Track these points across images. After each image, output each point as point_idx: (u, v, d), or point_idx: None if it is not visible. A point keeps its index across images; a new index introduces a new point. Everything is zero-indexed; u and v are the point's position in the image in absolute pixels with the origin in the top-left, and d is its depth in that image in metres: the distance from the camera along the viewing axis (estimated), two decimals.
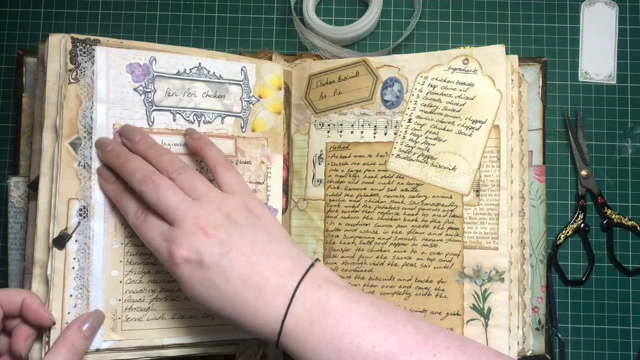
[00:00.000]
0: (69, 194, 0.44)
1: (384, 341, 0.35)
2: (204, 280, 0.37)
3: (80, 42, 0.45)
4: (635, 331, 0.56)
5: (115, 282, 0.45)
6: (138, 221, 0.41)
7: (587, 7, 0.60)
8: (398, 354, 0.35)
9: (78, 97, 0.45)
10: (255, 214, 0.41)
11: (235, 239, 0.38)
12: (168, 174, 0.41)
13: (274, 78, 0.52)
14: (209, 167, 0.44)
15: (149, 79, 0.47)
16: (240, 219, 0.40)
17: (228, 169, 0.43)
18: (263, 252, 0.38)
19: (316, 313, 0.36)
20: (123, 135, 0.45)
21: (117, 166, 0.43)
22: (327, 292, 0.37)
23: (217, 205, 0.40)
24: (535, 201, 0.54)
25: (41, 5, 0.59)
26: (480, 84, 0.50)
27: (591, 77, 0.59)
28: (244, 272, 0.37)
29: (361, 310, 0.37)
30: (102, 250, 0.45)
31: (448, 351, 0.35)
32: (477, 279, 0.48)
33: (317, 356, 0.36)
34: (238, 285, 0.37)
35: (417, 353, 0.35)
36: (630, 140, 0.58)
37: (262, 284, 0.37)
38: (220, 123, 0.49)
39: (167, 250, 0.38)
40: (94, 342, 0.44)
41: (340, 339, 0.35)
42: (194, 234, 0.38)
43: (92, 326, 0.43)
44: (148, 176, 0.41)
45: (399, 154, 0.51)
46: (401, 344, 0.35)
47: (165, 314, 0.46)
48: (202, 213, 0.39)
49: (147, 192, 0.40)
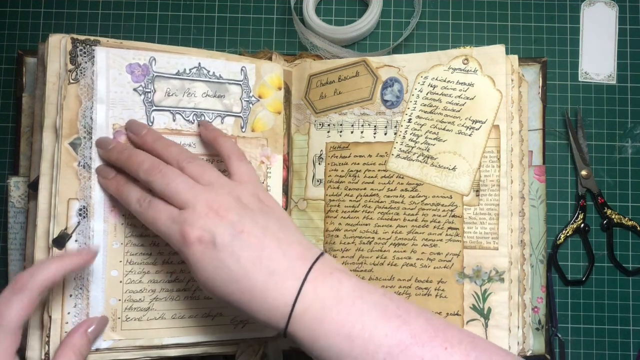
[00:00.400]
0: (68, 194, 0.44)
1: (396, 330, 0.35)
2: (214, 261, 0.37)
3: (80, 42, 0.45)
4: (635, 331, 0.56)
5: (115, 282, 0.45)
6: (142, 207, 0.40)
7: (587, 7, 0.60)
8: (410, 344, 0.34)
9: (78, 97, 0.45)
10: (265, 203, 0.41)
11: (247, 222, 0.38)
12: (177, 164, 0.41)
13: (273, 78, 0.52)
14: (223, 157, 0.44)
15: (149, 79, 0.47)
16: (251, 204, 0.40)
17: (241, 160, 0.44)
18: (274, 237, 0.38)
19: (328, 299, 0.36)
20: (129, 129, 0.45)
21: (122, 161, 0.43)
22: (338, 280, 0.37)
23: (228, 190, 0.40)
24: (535, 201, 0.54)
25: (41, 5, 0.59)
26: (480, 84, 0.50)
27: (591, 77, 0.59)
28: (254, 255, 0.37)
29: (373, 299, 0.37)
30: (102, 250, 0.45)
31: (459, 345, 0.35)
32: (477, 279, 0.48)
33: (327, 343, 0.35)
34: (248, 267, 0.37)
35: (430, 344, 0.35)
36: (630, 140, 0.58)
37: (272, 267, 0.37)
38: (220, 123, 0.49)
39: (179, 231, 0.38)
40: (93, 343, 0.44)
41: (352, 326, 0.35)
42: (207, 215, 0.38)
43: (97, 330, 0.43)
44: (155, 166, 0.41)
45: (399, 154, 0.51)
46: (413, 335, 0.35)
47: (165, 314, 0.46)
48: (213, 196, 0.39)
49: (155, 181, 0.40)
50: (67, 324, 0.43)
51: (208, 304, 0.48)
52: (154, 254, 0.46)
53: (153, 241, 0.46)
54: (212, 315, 0.48)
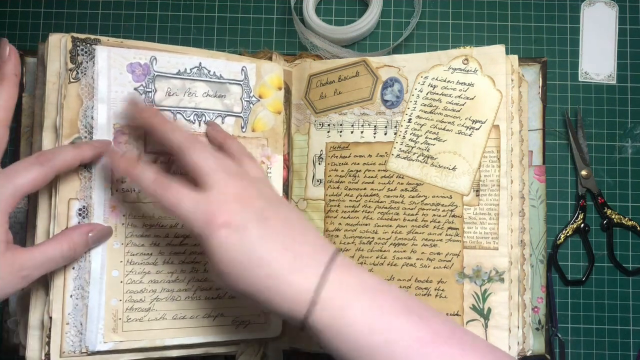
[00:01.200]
0: (69, 194, 0.44)
1: (416, 325, 0.35)
2: (239, 246, 0.37)
3: (80, 41, 0.45)
4: (635, 331, 0.56)
5: (116, 283, 0.45)
6: (161, 187, 0.39)
7: (587, 7, 0.60)
8: (429, 342, 0.35)
9: (79, 97, 0.45)
10: (280, 199, 0.42)
11: (271, 210, 0.39)
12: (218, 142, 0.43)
13: (274, 78, 0.52)
14: (234, 158, 0.44)
15: (150, 79, 0.47)
16: (271, 198, 0.40)
17: (252, 160, 0.45)
18: (296, 226, 0.39)
19: (352, 289, 0.36)
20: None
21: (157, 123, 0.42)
22: (362, 271, 0.38)
23: (250, 182, 0.40)
24: (535, 201, 0.54)
25: (41, 5, 0.59)
26: (480, 84, 0.50)
27: (591, 77, 0.59)
28: (279, 240, 0.37)
29: (393, 294, 0.37)
30: (103, 250, 0.44)
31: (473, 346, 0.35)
32: (477, 279, 0.48)
33: (348, 333, 0.35)
34: (273, 252, 0.37)
35: (446, 344, 0.35)
36: (630, 140, 0.58)
37: (298, 252, 0.37)
38: (220, 123, 0.49)
39: (203, 215, 0.37)
40: (94, 344, 0.44)
41: (374, 317, 0.35)
42: (235, 200, 0.38)
43: (96, 237, 0.43)
44: (194, 136, 0.41)
45: (399, 154, 0.51)
46: (433, 332, 0.35)
47: (166, 314, 0.46)
48: (242, 184, 0.39)
49: (192, 153, 0.40)
50: (68, 324, 0.43)
51: (209, 304, 0.48)
52: (154, 254, 0.46)
53: (154, 241, 0.46)
54: (213, 315, 0.48)
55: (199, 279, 0.47)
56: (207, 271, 0.48)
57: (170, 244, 0.47)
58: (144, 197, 0.46)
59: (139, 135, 0.46)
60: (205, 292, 0.48)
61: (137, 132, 0.46)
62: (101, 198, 0.45)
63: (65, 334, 0.43)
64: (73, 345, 0.43)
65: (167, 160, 0.47)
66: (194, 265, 0.47)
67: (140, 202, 0.46)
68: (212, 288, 0.48)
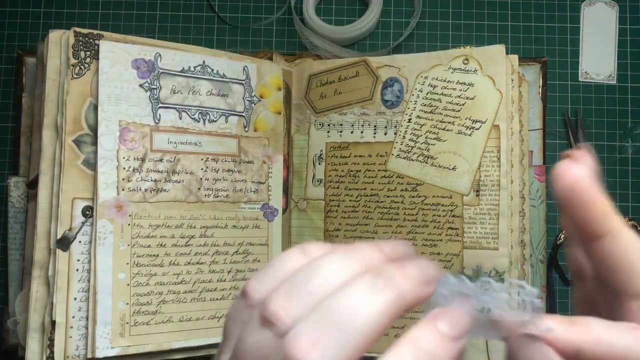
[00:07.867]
0: (73, 193, 0.43)
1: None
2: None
3: (82, 36, 0.44)
4: None
5: (123, 285, 0.44)
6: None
7: (587, 7, 0.60)
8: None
9: (82, 93, 0.44)
10: None
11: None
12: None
13: (273, 78, 0.52)
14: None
15: (155, 76, 0.46)
16: None
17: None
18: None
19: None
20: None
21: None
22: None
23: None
24: (536, 201, 0.54)
25: (41, 5, 0.59)
26: (480, 84, 0.50)
27: (591, 77, 0.59)
28: None
29: None
30: (109, 252, 0.43)
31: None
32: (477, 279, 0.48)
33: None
34: None
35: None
36: (630, 140, 0.58)
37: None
38: (224, 122, 0.49)
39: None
40: (101, 349, 0.42)
41: None
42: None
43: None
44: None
45: (399, 154, 0.51)
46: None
47: (172, 317, 0.45)
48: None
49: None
50: (72, 328, 0.42)
51: (214, 305, 0.47)
52: (160, 255, 0.45)
53: (160, 242, 0.46)
54: (218, 317, 0.47)
55: (204, 279, 0.47)
56: (211, 271, 0.47)
57: (176, 244, 0.46)
58: (150, 197, 0.46)
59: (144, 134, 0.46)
60: (210, 293, 0.47)
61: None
62: (107, 197, 0.44)
63: (70, 338, 0.42)
64: (78, 350, 0.42)
65: (172, 159, 0.47)
66: (199, 266, 0.47)
67: (147, 201, 0.45)
68: (217, 289, 0.48)
